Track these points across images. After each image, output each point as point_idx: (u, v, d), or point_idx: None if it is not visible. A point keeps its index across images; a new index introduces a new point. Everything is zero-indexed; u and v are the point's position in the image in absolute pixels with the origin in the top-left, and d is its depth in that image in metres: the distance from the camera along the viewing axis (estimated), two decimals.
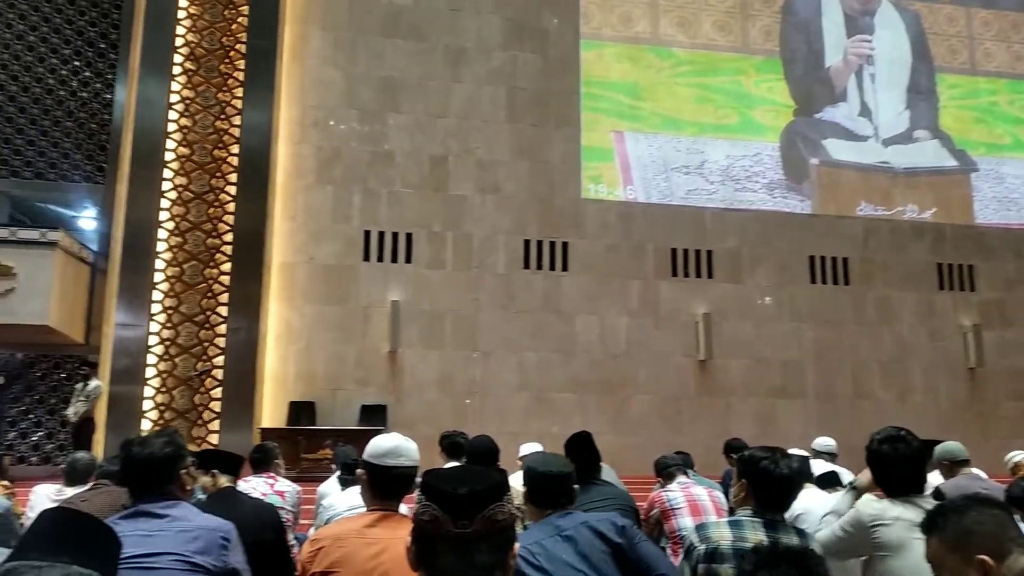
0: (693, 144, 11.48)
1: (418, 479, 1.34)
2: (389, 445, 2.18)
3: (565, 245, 10.73)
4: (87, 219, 11.58)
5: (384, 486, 2.19)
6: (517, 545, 1.29)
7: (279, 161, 10.02)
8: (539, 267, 10.62)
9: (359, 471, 2.26)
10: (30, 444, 9.56)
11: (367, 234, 10.21)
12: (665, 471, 4.37)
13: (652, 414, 10.39)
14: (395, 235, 10.27)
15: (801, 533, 2.31)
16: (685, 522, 3.93)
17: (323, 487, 4.52)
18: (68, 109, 10.23)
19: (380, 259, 10.20)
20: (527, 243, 10.63)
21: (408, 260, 10.26)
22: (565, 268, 10.68)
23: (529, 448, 4.87)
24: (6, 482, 5.05)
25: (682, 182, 11.32)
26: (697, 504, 4.03)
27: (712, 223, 11.22)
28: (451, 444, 4.35)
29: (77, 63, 10.34)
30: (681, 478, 4.26)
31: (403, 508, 2.31)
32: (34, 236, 8.68)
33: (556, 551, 2.03)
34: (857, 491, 2.73)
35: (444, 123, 10.66)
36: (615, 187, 11.14)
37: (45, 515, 1.36)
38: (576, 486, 2.30)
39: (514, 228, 10.60)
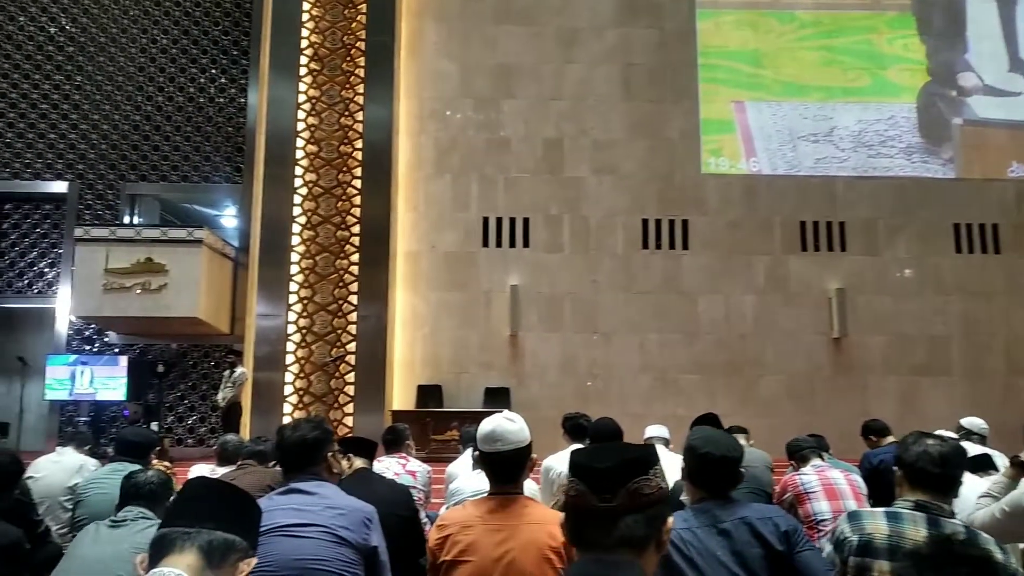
0: (821, 110, 10.89)
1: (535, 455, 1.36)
2: (487, 429, 2.18)
3: (685, 223, 10.48)
4: (228, 217, 12.40)
5: (492, 469, 2.22)
6: (671, 520, 1.28)
7: (400, 153, 10.33)
8: (658, 247, 10.43)
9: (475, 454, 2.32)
10: (186, 427, 10.38)
11: (485, 220, 10.37)
12: (798, 454, 4.21)
13: (783, 395, 10.02)
14: (512, 220, 10.38)
15: (973, 534, 2.04)
16: (821, 506, 3.79)
17: (452, 467, 4.64)
18: (207, 115, 10.95)
19: (499, 245, 10.34)
20: (645, 222, 10.46)
21: (526, 244, 10.35)
22: (686, 247, 10.44)
23: (654, 430, 4.83)
24: (167, 462, 5.51)
25: (810, 151, 10.78)
26: (834, 488, 3.87)
27: (844, 193, 10.63)
28: (574, 426, 4.37)
29: (213, 71, 11.04)
30: (816, 461, 4.10)
31: (528, 485, 2.33)
32: (182, 235, 9.36)
33: (710, 545, 1.93)
34: (1017, 471, 2.53)
35: (558, 106, 10.63)
36: (737, 160, 10.75)
37: (189, 485, 1.47)
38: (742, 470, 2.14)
39: (632, 208, 10.46)
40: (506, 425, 2.19)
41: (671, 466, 3.78)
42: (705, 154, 10.66)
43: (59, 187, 10.79)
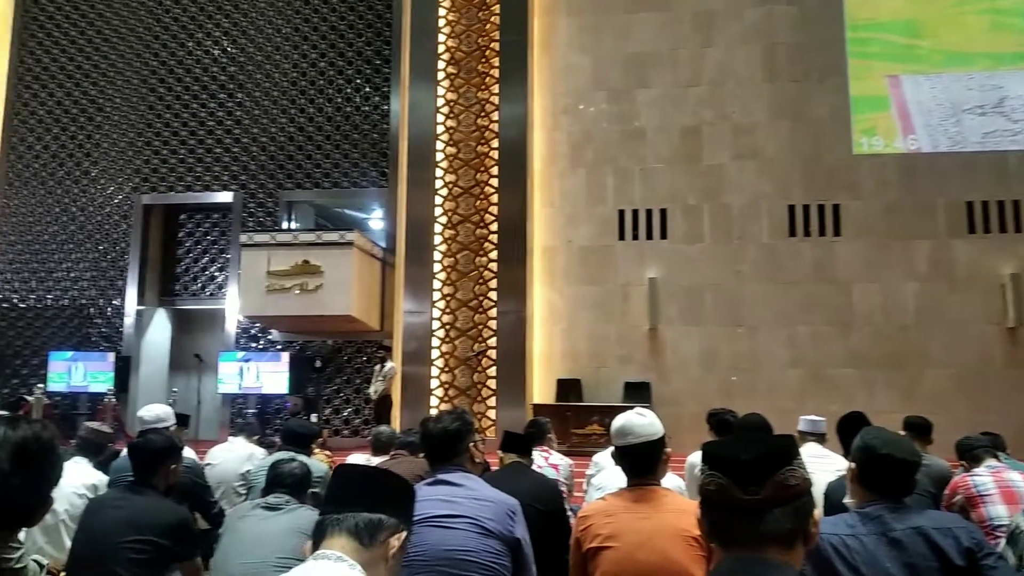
0: (988, 79, 9.93)
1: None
2: (618, 425, 2.26)
3: (836, 208, 9.89)
4: (375, 220, 13.01)
5: (627, 462, 2.26)
6: (817, 513, 1.22)
7: (535, 150, 10.43)
8: (807, 234, 9.91)
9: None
10: (342, 419, 11.00)
11: (621, 213, 10.27)
12: (970, 453, 3.87)
13: (950, 390, 9.24)
14: (649, 212, 10.21)
15: None
16: (997, 511, 3.47)
17: (600, 456, 4.59)
18: (354, 123, 11.53)
19: (635, 237, 10.20)
20: (792, 209, 9.97)
21: (663, 236, 10.15)
22: (837, 233, 9.85)
23: (809, 424, 4.54)
24: (327, 452, 5.87)
25: (976, 124, 9.87)
26: (1012, 491, 3.53)
27: (1018, 168, 9.65)
28: (719, 422, 4.24)
29: (358, 81, 11.61)
30: (990, 461, 3.75)
31: (673, 481, 2.30)
32: (335, 238, 9.92)
33: (878, 555, 1.79)
34: None
35: (695, 92, 10.34)
36: (893, 138, 10.02)
37: (335, 474, 1.56)
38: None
39: (777, 194, 10.00)
40: (636, 420, 2.26)
41: (826, 464, 3.60)
42: (856, 134, 10.01)
43: (225, 197, 11.73)
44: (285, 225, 11.39)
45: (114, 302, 11.82)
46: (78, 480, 3.51)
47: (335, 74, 11.65)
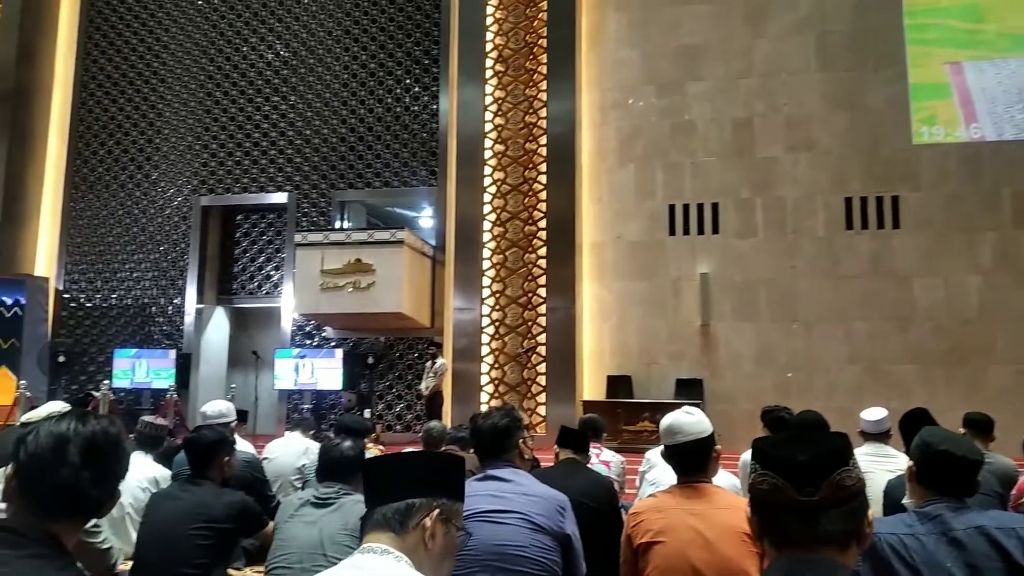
0: None
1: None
2: (667, 423, 2.28)
3: (895, 199, 9.61)
4: (425, 218, 13.13)
5: (676, 461, 2.27)
6: (871, 513, 1.20)
7: (583, 146, 10.39)
8: (865, 227, 9.66)
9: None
10: (394, 414, 11.15)
11: (671, 208, 10.16)
12: None
13: (1018, 387, 8.89)
14: (700, 206, 10.08)
15: None
16: None
17: (652, 453, 4.56)
18: (404, 123, 11.65)
19: (686, 232, 10.09)
20: (849, 201, 9.72)
21: (715, 231, 10.01)
22: (896, 225, 9.58)
23: (872, 413, 4.38)
24: (381, 446, 5.96)
25: None
26: None
27: None
28: (774, 419, 4.17)
29: (408, 81, 11.73)
30: None
31: (727, 479, 2.28)
32: (386, 237, 10.05)
33: (938, 555, 1.75)
34: None
35: (747, 84, 10.17)
36: (954, 127, 9.69)
37: (364, 469, 1.55)
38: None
39: (833, 186, 9.77)
40: (684, 418, 2.26)
41: (885, 463, 3.51)
42: (916, 123, 9.71)
43: (280, 198, 11.99)
44: (338, 224, 11.58)
45: (175, 301, 12.20)
46: (140, 474, 3.64)
47: (385, 75, 11.79)
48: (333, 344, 11.32)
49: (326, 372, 10.57)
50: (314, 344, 11.46)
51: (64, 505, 1.29)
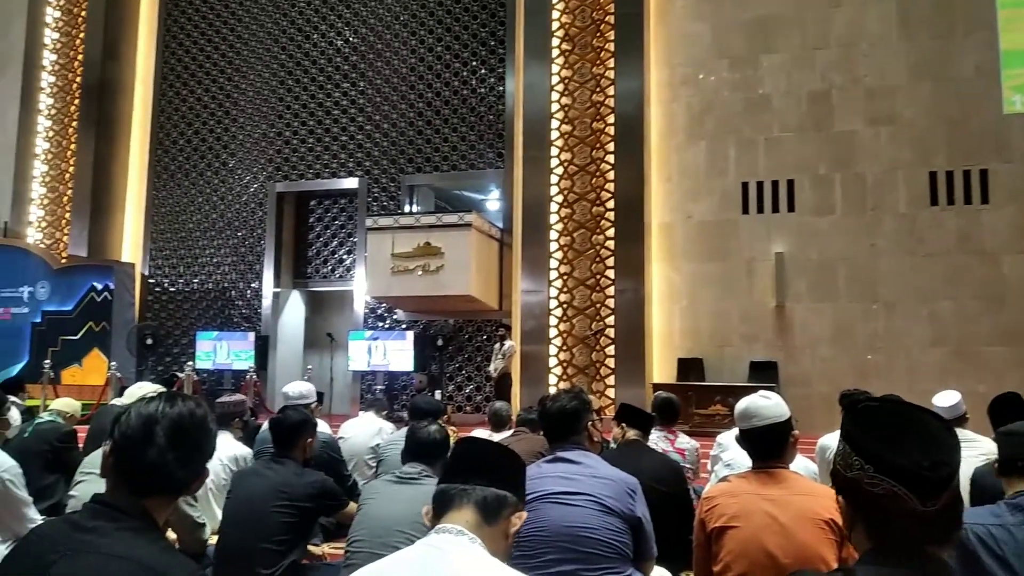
0: None
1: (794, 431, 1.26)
2: (742, 407, 2.24)
3: (984, 173, 9.13)
4: (492, 200, 13.18)
5: (751, 445, 2.22)
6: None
7: (652, 124, 10.21)
8: (951, 202, 9.21)
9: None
10: (464, 396, 11.29)
11: (744, 186, 9.90)
12: None
13: None
14: (775, 184, 9.79)
15: None
16: None
17: (724, 437, 4.50)
18: (471, 105, 11.69)
19: (760, 211, 9.82)
20: (933, 176, 9.28)
21: (791, 209, 9.71)
22: (985, 200, 9.10)
23: (945, 399, 4.19)
24: (452, 427, 6.05)
25: None
26: None
27: None
28: (853, 403, 4.03)
29: (474, 63, 11.74)
30: None
31: (803, 463, 2.22)
32: (454, 220, 10.13)
33: None
34: None
35: (824, 55, 9.79)
36: None
37: (461, 445, 1.59)
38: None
39: (917, 160, 9.34)
40: (760, 402, 2.22)
41: (972, 448, 3.35)
42: (1007, 91, 9.16)
43: (351, 183, 12.22)
44: (407, 208, 11.73)
45: (253, 285, 12.62)
46: (223, 452, 3.79)
47: (451, 58, 11.83)
48: (404, 326, 11.52)
49: (398, 354, 10.76)
50: (386, 326, 11.68)
51: (153, 483, 1.36)
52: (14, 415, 4.73)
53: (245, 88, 12.97)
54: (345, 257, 12.51)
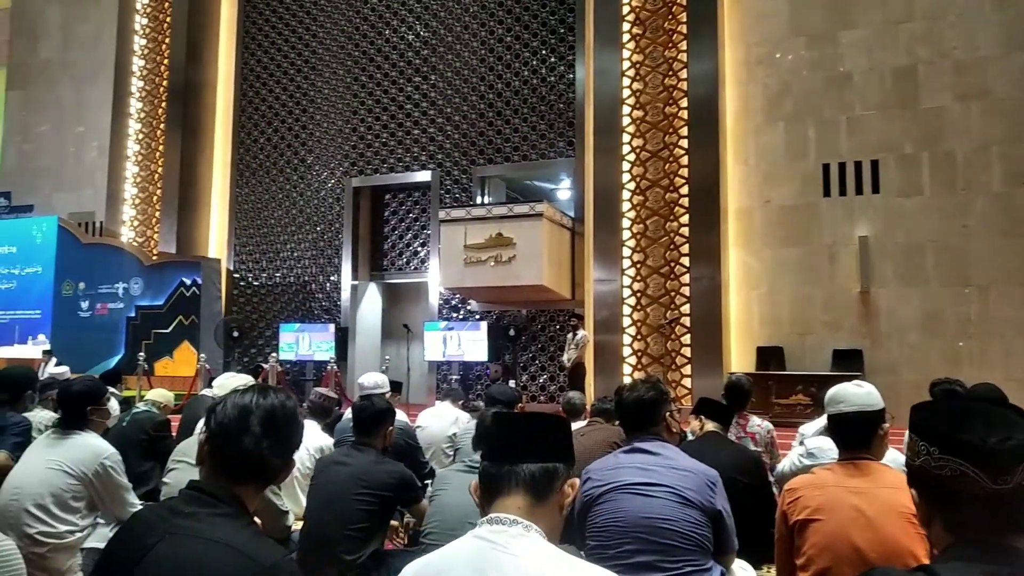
0: None
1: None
2: (832, 392, 2.18)
3: None
4: (563, 189, 13.13)
5: (838, 432, 2.17)
6: None
7: (727, 106, 9.97)
8: None
9: None
10: (538, 385, 11.32)
11: (826, 168, 9.57)
12: None
13: None
14: (858, 164, 9.42)
15: None
16: None
17: (807, 427, 4.38)
18: (540, 95, 11.65)
19: (843, 193, 9.47)
20: None
21: (875, 190, 9.33)
22: None
23: None
24: None
25: None
26: None
27: None
28: (944, 392, 3.88)
29: (544, 52, 11.70)
30: None
31: (894, 457, 2.14)
32: (525, 210, 10.14)
33: None
34: None
35: (909, 28, 9.34)
36: None
37: (498, 422, 1.54)
38: None
39: (1011, 136, 8.82)
40: (852, 389, 2.16)
41: None
42: None
43: (424, 176, 12.38)
44: (479, 200, 11.81)
45: (332, 278, 12.96)
46: (309, 442, 3.91)
47: (521, 47, 11.82)
48: (478, 317, 11.63)
49: (472, 344, 10.88)
50: (460, 317, 11.82)
51: (246, 470, 1.43)
52: (113, 405, 4.99)
53: (321, 86, 13.29)
54: (419, 249, 12.70)
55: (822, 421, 4.11)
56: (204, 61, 14.11)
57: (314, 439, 3.94)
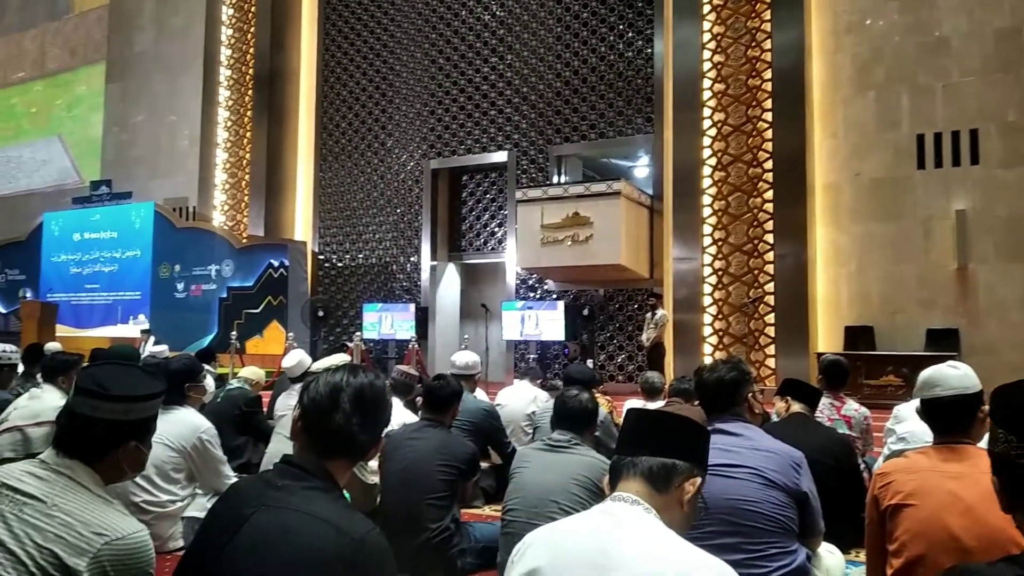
0: None
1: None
2: (926, 375, 2.10)
3: None
4: (641, 167, 12.94)
5: (932, 417, 2.07)
6: None
7: (814, 77, 9.59)
8: None
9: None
10: (616, 365, 11.26)
11: (920, 138, 9.09)
12: None
13: None
14: (955, 134, 8.91)
15: None
16: None
17: (902, 408, 4.21)
18: (618, 71, 11.48)
19: (938, 164, 8.99)
20: None
21: (974, 161, 8.81)
22: None
23: None
24: (608, 396, 6.06)
25: None
26: None
27: None
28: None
29: (621, 26, 11.50)
30: None
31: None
32: (602, 188, 10.04)
33: None
34: None
35: None
36: None
37: (627, 417, 1.60)
38: None
39: None
40: (947, 371, 2.07)
41: None
42: None
43: (500, 157, 12.42)
44: (555, 179, 11.77)
45: (412, 259, 13.20)
46: (396, 419, 4.03)
47: (598, 23, 11.65)
48: (555, 296, 11.63)
49: (550, 323, 10.90)
50: (537, 297, 11.85)
51: (337, 446, 1.49)
52: (209, 382, 5.25)
53: (399, 70, 13.47)
54: (496, 230, 12.77)
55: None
56: (288, 49, 14.50)
57: (399, 416, 4.04)
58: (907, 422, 3.57)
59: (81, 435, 1.58)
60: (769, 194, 9.46)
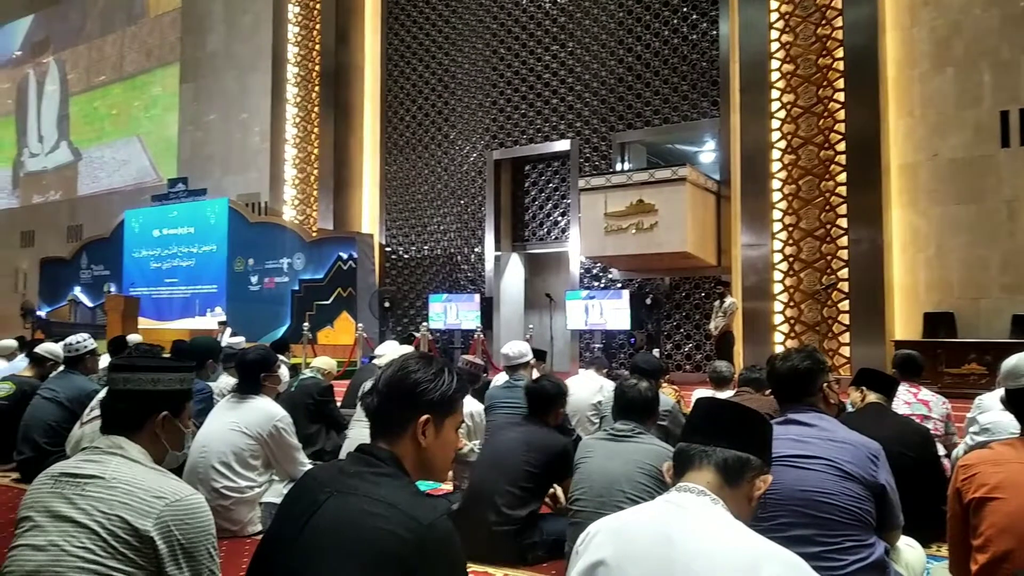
0: None
1: None
2: (1011, 364, 2.04)
3: None
4: (707, 152, 12.69)
5: (1015, 409, 2.03)
6: None
7: (888, 54, 9.21)
8: None
9: None
10: (683, 354, 11.11)
11: (1004, 115, 8.64)
12: None
13: None
14: None
15: None
16: None
17: (985, 398, 4.05)
18: (682, 54, 11.27)
19: None
20: None
21: None
22: None
23: None
24: (675, 386, 6.00)
25: None
26: None
27: None
28: None
29: (685, 9, 11.28)
30: None
31: None
32: (667, 175, 9.88)
33: None
34: None
35: None
36: None
37: (701, 405, 1.58)
38: None
39: None
40: None
41: None
42: None
43: (562, 145, 12.36)
44: (619, 167, 11.65)
45: (476, 249, 13.29)
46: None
47: (660, 6, 11.46)
48: (620, 285, 11.54)
49: (614, 312, 10.82)
50: (601, 286, 11.78)
51: (378, 428, 1.54)
52: (283, 372, 5.41)
53: (461, 61, 13.53)
54: (560, 219, 12.74)
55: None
56: (352, 45, 14.74)
57: (465, 404, 4.10)
58: (990, 412, 3.43)
59: (119, 409, 1.78)
60: (842, 177, 9.16)
